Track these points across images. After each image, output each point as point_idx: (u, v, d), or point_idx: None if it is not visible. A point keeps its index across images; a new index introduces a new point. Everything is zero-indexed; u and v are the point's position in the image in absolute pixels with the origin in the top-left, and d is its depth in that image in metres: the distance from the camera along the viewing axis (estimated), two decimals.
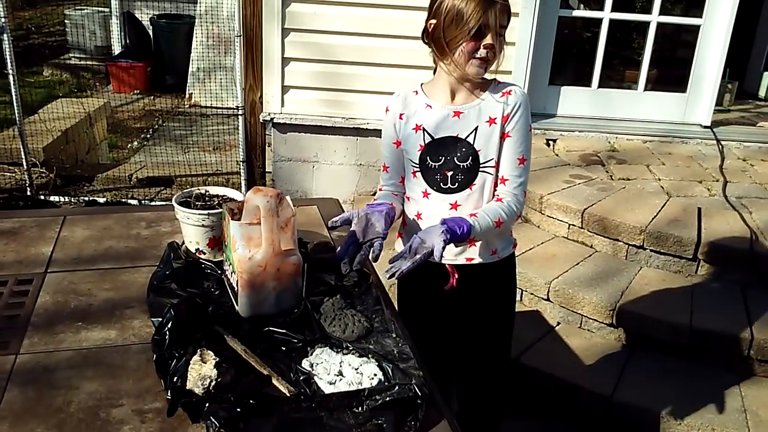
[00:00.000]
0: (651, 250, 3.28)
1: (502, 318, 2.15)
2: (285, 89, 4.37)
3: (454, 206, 1.92)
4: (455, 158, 1.89)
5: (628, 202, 3.48)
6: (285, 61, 4.30)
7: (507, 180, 1.89)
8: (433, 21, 1.82)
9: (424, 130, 1.90)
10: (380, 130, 2.02)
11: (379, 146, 2.06)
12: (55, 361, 1.49)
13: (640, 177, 3.90)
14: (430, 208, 1.95)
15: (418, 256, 1.68)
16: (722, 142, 4.41)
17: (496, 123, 1.86)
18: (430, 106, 1.90)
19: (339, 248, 1.79)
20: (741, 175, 4.01)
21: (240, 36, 4.39)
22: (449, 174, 1.90)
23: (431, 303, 2.11)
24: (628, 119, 4.62)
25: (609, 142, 4.42)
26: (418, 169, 1.93)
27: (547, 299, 3.20)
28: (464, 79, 1.85)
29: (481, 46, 1.76)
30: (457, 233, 1.75)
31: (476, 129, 1.87)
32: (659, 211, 3.39)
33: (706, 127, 4.56)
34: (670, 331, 2.92)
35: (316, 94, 4.38)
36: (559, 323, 3.19)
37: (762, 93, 5.68)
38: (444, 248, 1.70)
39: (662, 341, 2.95)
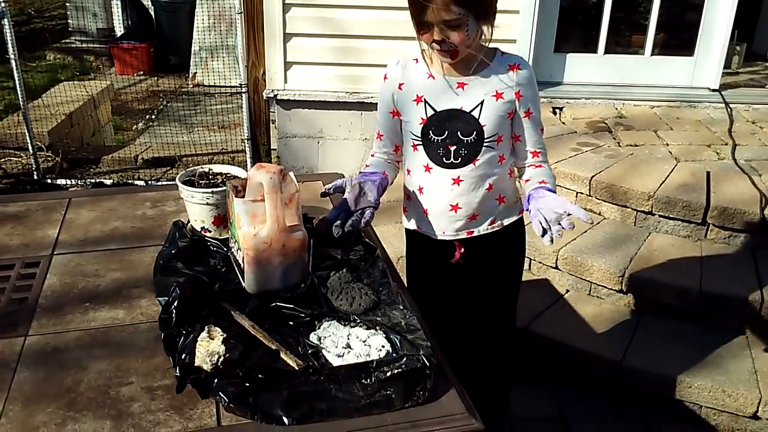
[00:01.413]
0: (660, 216, 3.25)
1: (507, 284, 2.14)
2: (288, 65, 4.34)
3: (456, 181, 1.89)
4: (459, 132, 1.84)
5: (636, 169, 3.45)
6: (287, 36, 4.26)
7: (539, 152, 1.92)
8: None
9: (425, 102, 1.85)
10: None
11: None
12: (63, 342, 1.50)
13: (648, 143, 3.87)
14: (432, 183, 1.92)
15: (564, 222, 1.69)
16: (731, 106, 4.36)
17: (503, 98, 1.82)
18: (432, 77, 1.85)
19: (329, 213, 1.77)
20: (750, 137, 3.97)
21: (241, 13, 4.36)
22: (452, 149, 1.86)
23: (438, 276, 2.11)
24: (635, 85, 4.57)
25: (616, 109, 4.38)
26: (420, 143, 1.89)
27: (556, 267, 3.19)
28: None
29: (432, 41, 1.71)
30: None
31: (482, 103, 1.82)
32: (668, 176, 3.36)
33: (714, 90, 4.51)
34: (680, 296, 2.91)
35: (319, 69, 4.35)
36: (568, 291, 3.18)
37: None
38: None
39: (672, 306, 2.94)
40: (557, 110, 4.37)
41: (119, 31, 8.13)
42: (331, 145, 4.52)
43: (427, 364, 1.34)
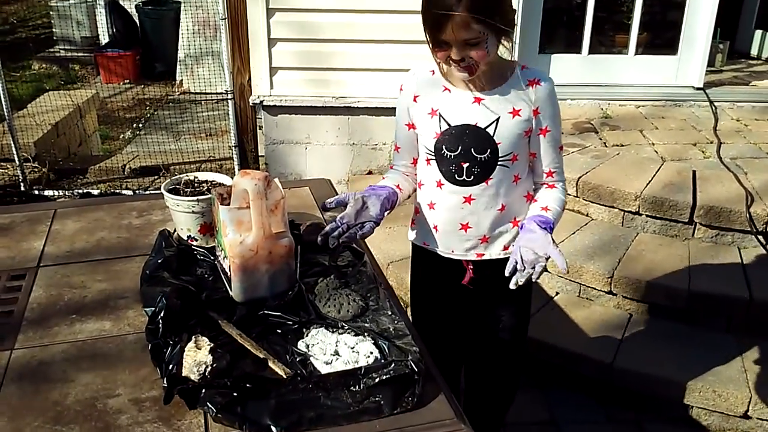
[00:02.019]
0: (647, 216, 3.27)
1: (517, 311, 2.05)
2: (273, 71, 4.33)
3: (468, 200, 1.82)
4: (472, 149, 1.76)
5: (622, 169, 3.47)
6: (272, 42, 4.26)
7: (554, 171, 1.85)
8: None
9: (440, 115, 1.78)
10: (371, 108, 1.99)
11: (371, 124, 2.02)
12: (50, 355, 1.48)
13: (634, 143, 3.88)
14: (442, 199, 1.86)
15: (538, 267, 1.67)
16: (715, 104, 4.39)
17: (521, 116, 1.74)
18: (449, 90, 1.78)
19: (329, 225, 1.76)
20: (735, 135, 3.99)
21: (225, 19, 4.35)
22: (465, 166, 1.78)
23: (443, 296, 2.05)
24: (619, 84, 4.59)
25: (602, 109, 4.40)
26: (433, 158, 1.82)
27: (545, 270, 3.19)
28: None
29: (450, 57, 1.66)
30: (550, 233, 1.74)
31: (498, 120, 1.74)
32: (654, 176, 3.38)
33: (698, 88, 4.53)
34: (669, 296, 2.92)
35: (305, 74, 4.34)
36: (557, 293, 3.19)
37: (754, 51, 5.64)
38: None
39: (661, 306, 2.96)
40: None
41: (104, 39, 8.09)
42: (318, 150, 4.51)
43: (416, 369, 1.34)
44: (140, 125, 6.39)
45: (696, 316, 2.93)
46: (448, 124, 1.78)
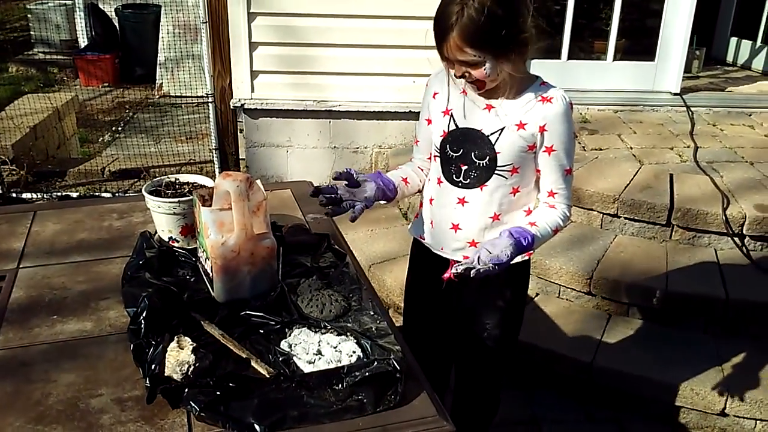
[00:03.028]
0: (625, 218, 3.31)
1: (501, 325, 2.03)
2: (254, 74, 4.33)
3: (461, 201, 1.84)
4: (473, 153, 1.79)
5: (601, 172, 3.51)
6: (253, 45, 4.26)
7: (556, 193, 1.81)
8: None
9: (452, 115, 1.82)
10: (353, 112, 2.02)
11: (353, 128, 2.04)
12: (31, 355, 1.48)
13: (612, 146, 3.93)
14: (440, 197, 1.89)
15: (488, 266, 1.65)
16: (692, 109, 4.46)
17: (526, 129, 1.73)
18: (465, 92, 1.80)
19: (325, 187, 1.78)
20: (711, 139, 4.06)
21: (206, 22, 4.34)
22: (464, 168, 1.81)
23: (433, 291, 2.00)
24: (598, 90, 4.64)
25: (580, 113, 4.44)
26: (438, 155, 1.86)
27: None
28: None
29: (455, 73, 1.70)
30: (522, 245, 1.70)
31: (502, 130, 1.75)
32: (632, 179, 3.42)
33: (675, 94, 4.60)
34: (647, 296, 2.96)
35: (286, 77, 4.35)
36: (537, 294, 3.22)
37: (730, 58, 5.74)
38: (510, 261, 1.68)
39: (639, 306, 2.99)
40: None
41: (83, 42, 8.02)
42: (300, 153, 4.51)
43: (398, 368, 1.35)
44: (120, 128, 6.34)
45: (674, 316, 2.96)
46: (456, 125, 1.81)
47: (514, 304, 2.04)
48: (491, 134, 1.76)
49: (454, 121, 1.81)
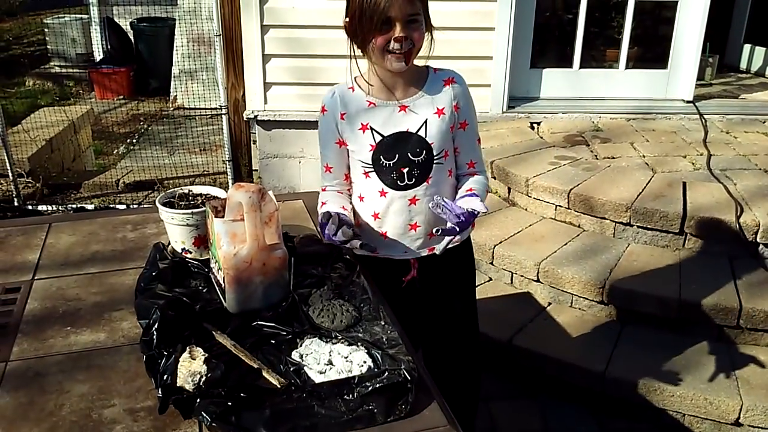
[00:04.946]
0: (638, 227, 3.30)
1: (464, 297, 2.18)
2: (267, 86, 4.37)
3: (413, 201, 1.92)
4: (408, 154, 1.87)
5: (613, 180, 3.50)
6: (266, 57, 4.30)
7: (476, 162, 1.98)
8: (347, 18, 1.82)
9: (371, 128, 1.87)
10: None
11: None
12: (45, 366, 1.49)
13: (624, 155, 3.92)
14: (388, 207, 1.93)
15: (461, 219, 1.75)
16: (705, 116, 4.44)
17: (445, 114, 1.87)
18: (373, 104, 1.88)
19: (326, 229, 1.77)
20: (724, 147, 4.04)
21: (220, 35, 4.39)
22: (405, 171, 1.88)
23: (396, 297, 2.01)
24: (610, 98, 4.64)
25: (593, 122, 4.44)
26: (372, 170, 1.90)
27: (537, 280, 3.22)
28: (395, 72, 1.81)
29: (392, 39, 1.74)
30: (479, 197, 1.85)
31: (426, 122, 1.86)
32: (644, 187, 3.41)
33: (688, 102, 4.59)
34: (660, 305, 2.94)
35: (298, 89, 4.38)
36: (550, 303, 3.21)
37: (743, 65, 5.71)
38: (478, 212, 1.79)
39: (652, 315, 2.98)
40: (535, 125, 4.42)
41: (98, 55, 8.12)
42: (313, 164, 4.53)
43: (408, 377, 1.35)
44: (134, 140, 6.41)
45: (687, 325, 2.95)
46: (382, 135, 1.87)
47: (469, 281, 2.20)
48: (418, 130, 1.87)
49: (377, 132, 1.87)
